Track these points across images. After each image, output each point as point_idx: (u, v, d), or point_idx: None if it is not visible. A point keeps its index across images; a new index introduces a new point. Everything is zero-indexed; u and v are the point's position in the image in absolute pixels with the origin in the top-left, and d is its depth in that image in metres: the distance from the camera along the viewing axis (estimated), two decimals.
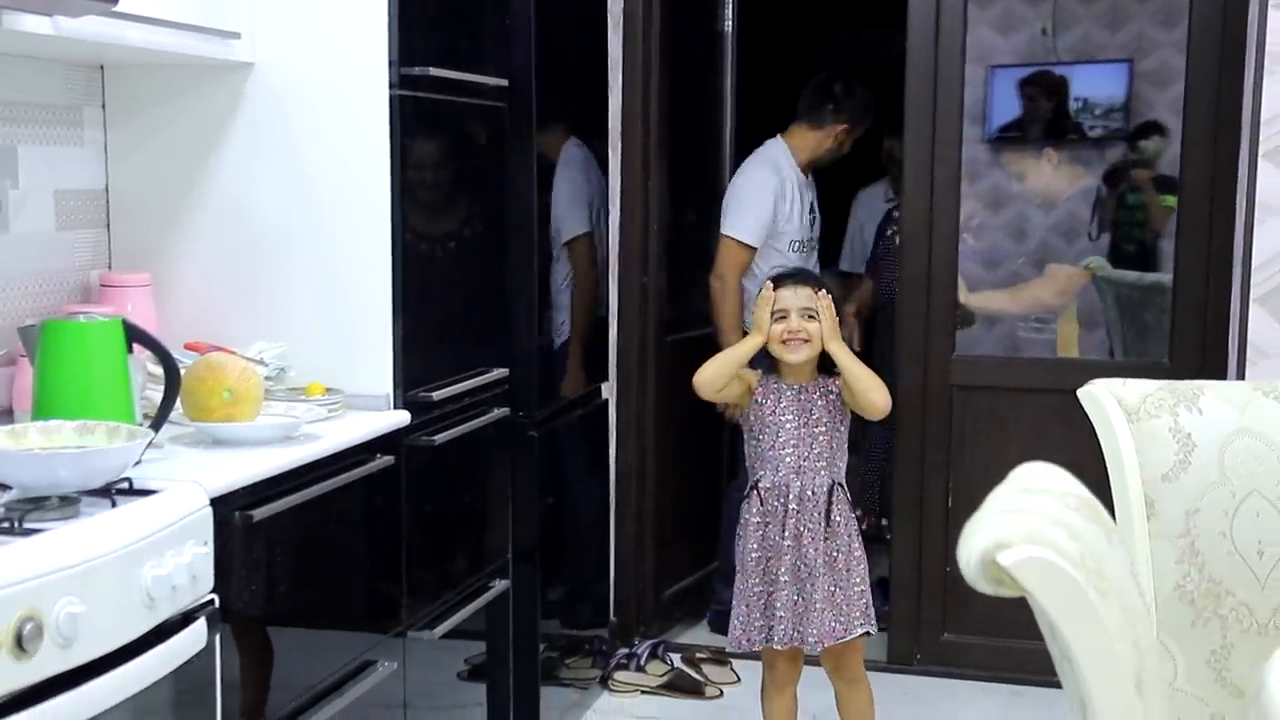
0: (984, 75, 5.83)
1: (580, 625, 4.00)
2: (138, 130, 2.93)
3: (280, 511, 2.33)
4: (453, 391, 3.06)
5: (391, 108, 2.80)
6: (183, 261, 2.93)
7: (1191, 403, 2.37)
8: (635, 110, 4.29)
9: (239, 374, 2.46)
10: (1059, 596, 1.31)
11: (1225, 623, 2.30)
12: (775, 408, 3.19)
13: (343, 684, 2.61)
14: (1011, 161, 5.42)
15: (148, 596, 1.90)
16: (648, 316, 4.39)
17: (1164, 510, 2.31)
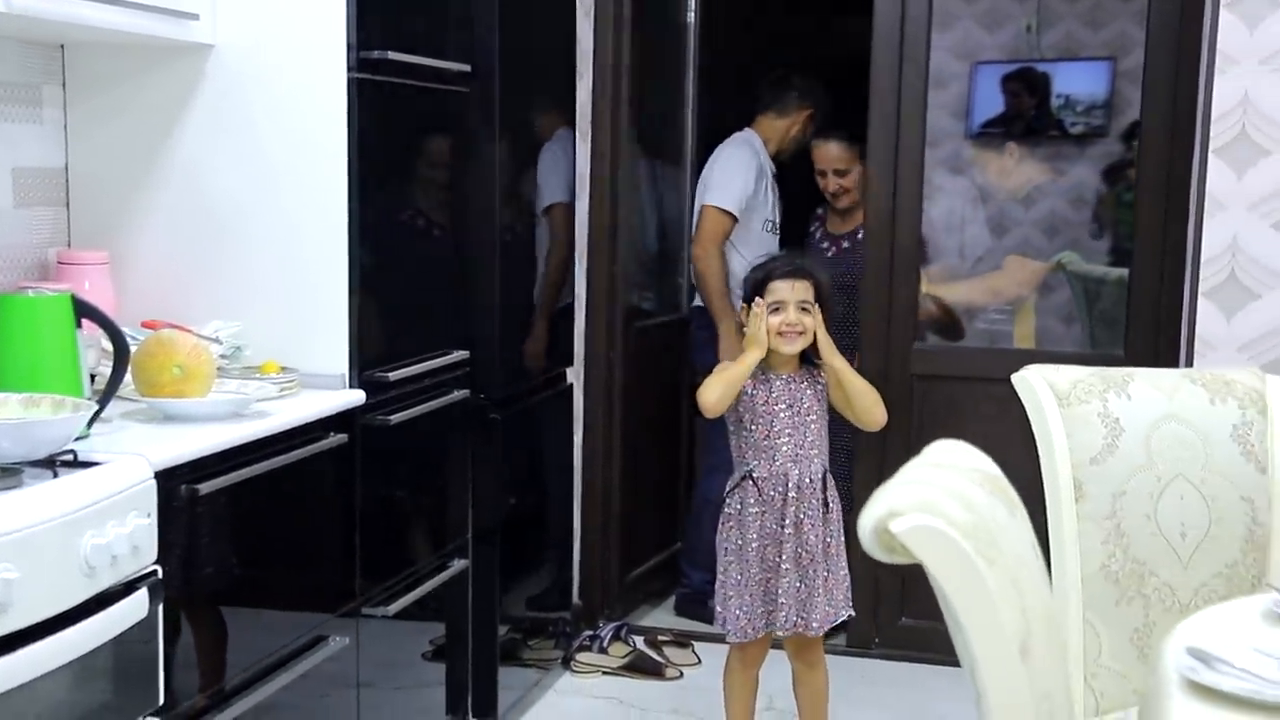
0: (968, 71, 5.91)
1: (543, 607, 4.05)
2: (98, 109, 2.97)
3: (227, 486, 2.37)
4: (410, 372, 3.10)
5: (349, 91, 2.84)
6: (142, 240, 2.97)
7: (1121, 389, 2.42)
8: (605, 98, 4.33)
9: (189, 351, 2.50)
10: (946, 564, 1.36)
11: (1148, 602, 2.36)
12: (767, 398, 3.22)
13: (293, 658, 2.65)
14: (988, 158, 5.48)
15: (87, 565, 1.95)
16: (616, 303, 4.44)
17: (1091, 492, 2.37)
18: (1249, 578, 2.39)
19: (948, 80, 5.95)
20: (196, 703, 2.35)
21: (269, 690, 2.53)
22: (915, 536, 1.35)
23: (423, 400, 3.17)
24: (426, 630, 3.38)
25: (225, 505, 2.41)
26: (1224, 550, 2.39)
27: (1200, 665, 1.62)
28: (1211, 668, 1.62)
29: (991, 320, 4.90)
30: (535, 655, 3.99)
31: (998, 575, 1.39)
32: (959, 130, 5.96)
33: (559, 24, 3.96)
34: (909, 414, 4.21)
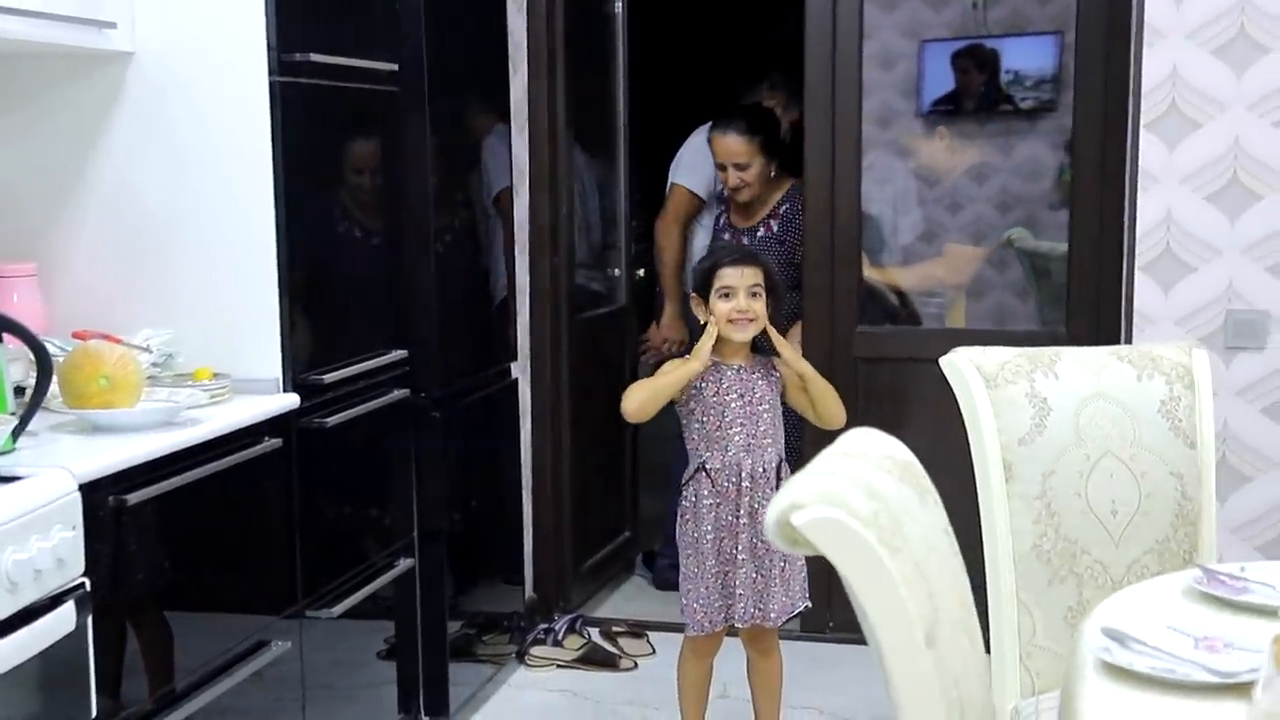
0: (916, 49, 5.92)
1: (495, 601, 4.05)
2: (20, 120, 2.94)
3: (156, 495, 2.36)
4: (346, 374, 3.09)
5: (272, 94, 2.83)
6: (69, 251, 2.95)
7: (1049, 368, 2.44)
8: (541, 91, 4.32)
9: (116, 361, 2.48)
10: (847, 554, 1.37)
11: (1081, 580, 2.38)
12: (718, 389, 3.20)
13: (235, 663, 2.64)
14: (921, 142, 5.52)
15: (8, 581, 1.94)
16: (558, 296, 4.43)
17: (1021, 473, 2.38)
18: (1180, 553, 2.41)
19: (895, 59, 5.97)
20: (135, 712, 2.34)
21: (210, 697, 2.52)
22: (815, 529, 1.36)
23: (360, 401, 3.16)
24: (376, 630, 3.37)
25: (156, 514, 2.40)
26: (1155, 526, 2.41)
27: (1115, 645, 1.64)
28: (1126, 647, 1.63)
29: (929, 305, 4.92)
30: (489, 650, 3.99)
31: (901, 563, 1.39)
32: (910, 109, 5.99)
33: (490, 18, 3.95)
34: (853, 397, 4.20)
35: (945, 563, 1.58)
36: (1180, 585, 1.91)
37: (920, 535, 1.52)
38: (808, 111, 4.20)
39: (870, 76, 5.88)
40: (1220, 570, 1.93)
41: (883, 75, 6.03)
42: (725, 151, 4.38)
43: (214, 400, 2.70)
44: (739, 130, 4.37)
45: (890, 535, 1.41)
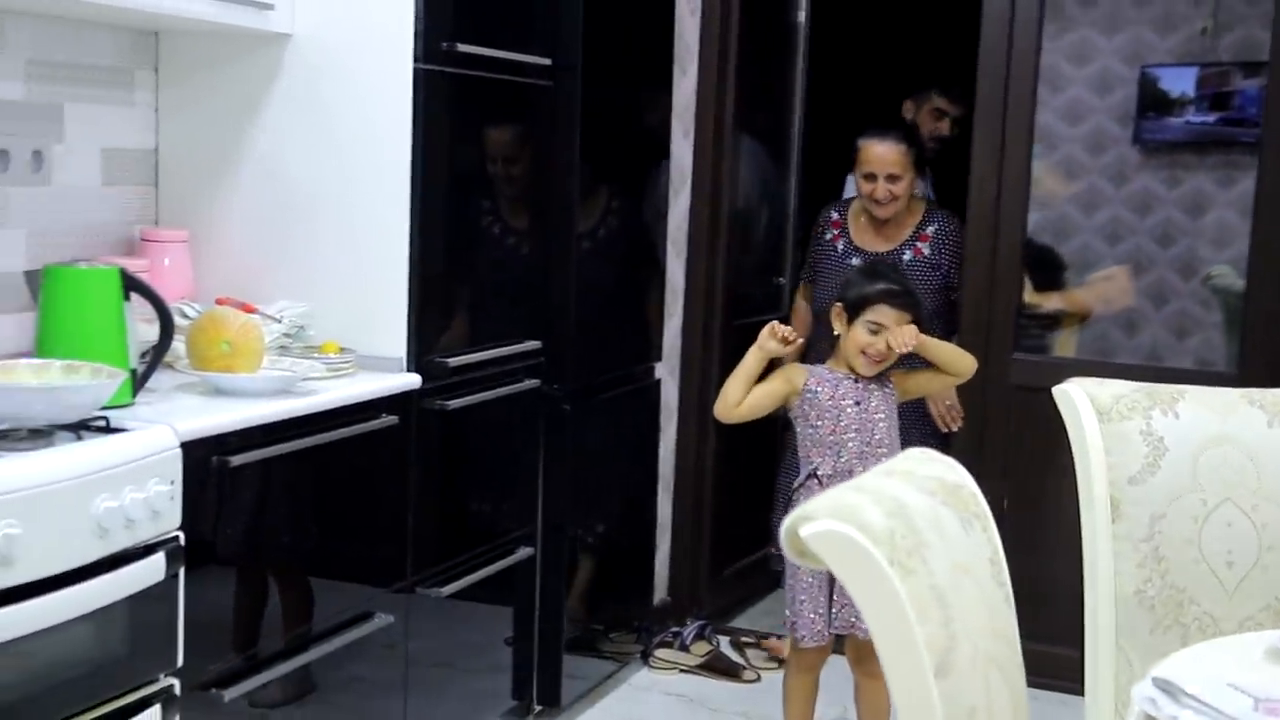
0: (1136, 75, 5.74)
1: (622, 600, 4.06)
2: (187, 94, 3.07)
3: (261, 459, 2.43)
4: (473, 359, 3.13)
5: (415, 80, 2.89)
6: (221, 220, 3.06)
7: (1169, 406, 2.32)
8: (710, 94, 4.32)
9: (239, 328, 2.57)
10: (852, 569, 1.33)
11: (1187, 631, 2.26)
12: (833, 394, 3.19)
13: (333, 633, 2.71)
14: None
15: (99, 527, 2.02)
16: (714, 299, 4.42)
17: (1129, 513, 2.28)
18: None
19: (1114, 84, 5.79)
20: (223, 667, 2.41)
21: (302, 661, 2.59)
22: (820, 541, 1.32)
23: (488, 388, 3.20)
24: (491, 615, 3.42)
25: (260, 478, 2.47)
26: (1275, 582, 2.27)
27: (1164, 698, 1.55)
28: (1176, 701, 1.55)
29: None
30: (613, 648, 4.00)
31: (914, 585, 1.35)
32: (1125, 136, 5.80)
33: (655, 17, 3.95)
34: (1006, 425, 4.11)
35: (981, 591, 1.52)
36: (1266, 644, 1.80)
37: (950, 560, 1.46)
38: (976, 132, 4.10)
39: (1086, 101, 5.74)
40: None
41: (1099, 100, 5.87)
42: (880, 160, 3.98)
43: (335, 374, 2.77)
44: (896, 139, 4.03)
45: (906, 556, 1.36)
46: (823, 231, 4.12)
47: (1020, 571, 4.11)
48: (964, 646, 1.41)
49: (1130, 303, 4.80)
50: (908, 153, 3.98)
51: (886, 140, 3.96)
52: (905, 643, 1.32)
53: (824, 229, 4.13)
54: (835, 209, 4.14)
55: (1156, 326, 5.65)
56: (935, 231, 4.02)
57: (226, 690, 2.39)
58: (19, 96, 2.72)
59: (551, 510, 3.54)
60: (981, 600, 1.53)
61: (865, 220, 4.05)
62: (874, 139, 3.99)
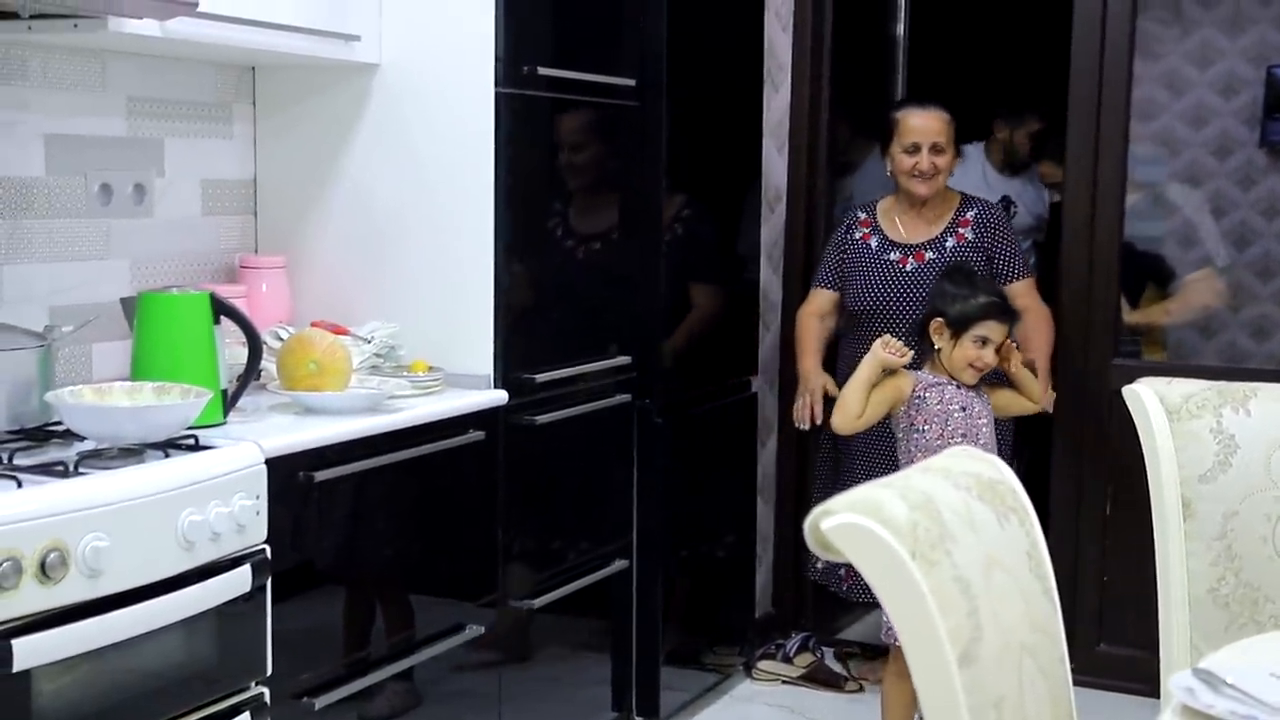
0: (1263, 76, 5.62)
1: (722, 612, 4.09)
2: (282, 125, 3.20)
3: (346, 475, 2.52)
4: (561, 375, 3.20)
5: (497, 105, 2.97)
6: (315, 246, 3.18)
7: (1240, 404, 2.31)
8: (803, 110, 4.35)
9: (325, 348, 2.67)
10: (873, 562, 1.36)
11: (1263, 629, 2.24)
12: (941, 398, 3.25)
13: (423, 645, 2.79)
14: None
15: (184, 540, 2.12)
16: None
17: (1201, 511, 2.27)
18: None
19: (1240, 86, 5.68)
20: (313, 677, 2.50)
21: (391, 671, 2.67)
22: (840, 533, 1.35)
23: (578, 403, 3.27)
24: (587, 627, 3.48)
25: (347, 493, 2.57)
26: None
27: (1202, 687, 1.55)
28: (1215, 690, 1.55)
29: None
30: (715, 660, 4.04)
31: (937, 578, 1.37)
32: (1252, 139, 5.69)
33: (744, 34, 4.00)
34: (1108, 430, 4.06)
35: (1017, 583, 1.54)
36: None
37: (982, 553, 1.48)
38: (1070, 136, 4.07)
39: (1210, 103, 5.64)
40: None
41: (1223, 103, 5.76)
42: (924, 130, 3.70)
43: (423, 391, 2.86)
44: (939, 107, 3.75)
45: (929, 549, 1.39)
46: (849, 231, 3.85)
47: (1123, 574, 4.07)
48: (992, 637, 1.43)
49: (1217, 303, 4.74)
50: (951, 123, 3.74)
51: (929, 109, 3.73)
52: (927, 633, 1.34)
53: (851, 228, 3.85)
54: (861, 209, 3.90)
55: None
56: (976, 216, 3.76)
57: (317, 699, 2.47)
58: (121, 133, 2.86)
59: (646, 523, 3.59)
60: (1017, 592, 1.55)
61: (900, 211, 3.80)
62: (915, 108, 3.77)
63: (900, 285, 3.69)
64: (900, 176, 3.74)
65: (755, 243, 4.15)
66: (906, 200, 3.78)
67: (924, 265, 3.70)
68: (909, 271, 3.70)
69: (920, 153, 3.68)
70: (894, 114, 3.77)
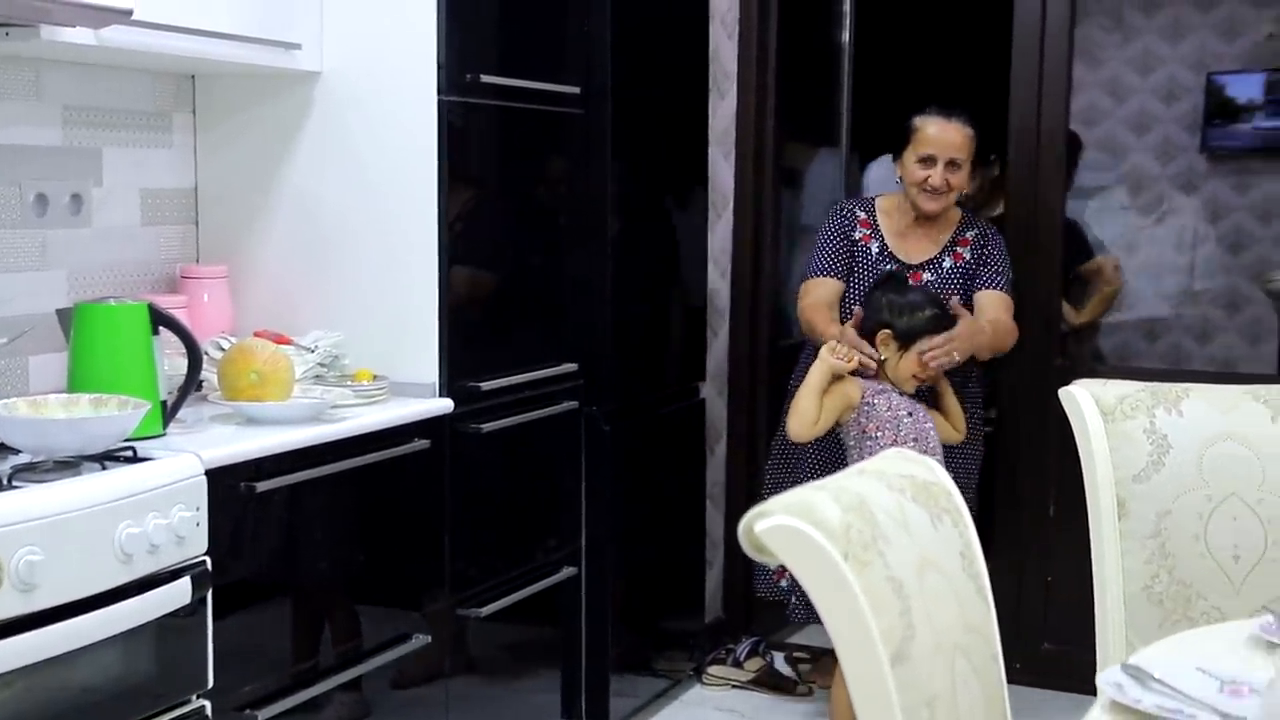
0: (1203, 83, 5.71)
1: (672, 618, 4.10)
2: (223, 134, 3.18)
3: (289, 485, 2.52)
4: (507, 383, 3.20)
5: (440, 112, 2.97)
6: (257, 256, 3.17)
7: (1173, 405, 2.34)
8: (749, 116, 4.37)
9: (267, 358, 2.66)
10: (806, 563, 1.37)
11: (1195, 626, 2.27)
12: (890, 404, 3.28)
13: (369, 655, 2.78)
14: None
15: (122, 552, 2.11)
16: (759, 319, 4.46)
17: (1135, 510, 2.30)
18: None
19: (1180, 93, 5.76)
20: (256, 689, 2.49)
21: (336, 682, 2.66)
22: (774, 535, 1.37)
23: (525, 410, 3.27)
24: (536, 634, 3.48)
25: (290, 504, 2.56)
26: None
27: (1131, 683, 1.57)
28: (1144, 686, 1.57)
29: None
30: (665, 665, 4.04)
31: (870, 578, 1.38)
32: (1193, 144, 5.77)
33: (689, 41, 4.01)
34: (1049, 434, 4.10)
35: (950, 584, 1.55)
36: (1248, 631, 1.81)
37: (916, 554, 1.50)
38: (1012, 146, 4.10)
39: (1152, 109, 5.72)
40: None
41: (1165, 109, 5.84)
42: (942, 142, 3.50)
43: (367, 400, 2.85)
44: (963, 121, 3.53)
45: (861, 550, 1.40)
46: (848, 229, 3.66)
47: (1065, 575, 4.11)
48: (925, 637, 1.44)
49: (1119, 283, 4.91)
50: (973, 139, 3.53)
51: (952, 120, 3.51)
52: (860, 633, 1.36)
53: (849, 226, 3.66)
54: (859, 207, 3.71)
55: (1231, 334, 5.61)
56: (976, 237, 3.65)
57: (260, 711, 2.47)
58: (57, 142, 2.84)
59: (594, 530, 3.59)
60: (950, 593, 1.56)
61: (904, 222, 3.64)
62: (937, 116, 3.52)
63: None
64: (910, 187, 3.55)
65: (702, 249, 4.16)
66: (910, 211, 3.60)
67: (920, 286, 3.58)
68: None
69: (935, 166, 3.49)
70: (914, 119, 3.55)
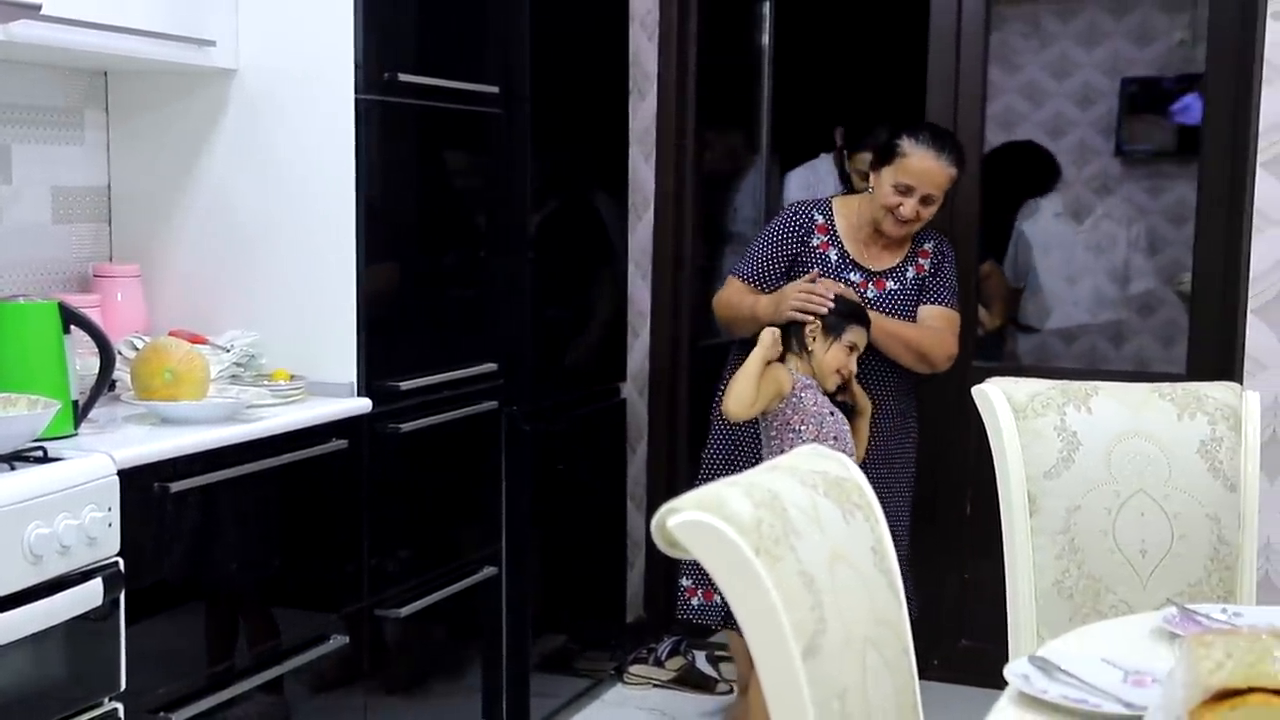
0: (1117, 87, 5.80)
1: (594, 618, 4.11)
2: (137, 132, 3.15)
3: (204, 486, 2.49)
4: (426, 382, 3.19)
5: (357, 111, 2.96)
6: (172, 255, 3.13)
7: (1082, 402, 2.38)
8: (670, 118, 4.39)
9: (181, 357, 2.63)
10: (718, 558, 1.38)
11: (1104, 619, 2.31)
12: (815, 400, 3.29)
13: (287, 655, 2.76)
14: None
15: (30, 554, 2.08)
16: (680, 319, 4.48)
17: (1045, 506, 2.34)
18: (1214, 597, 2.32)
19: (1096, 97, 5.86)
20: (171, 691, 2.46)
21: (252, 684, 2.64)
22: (685, 531, 1.38)
23: (445, 410, 3.26)
24: (456, 634, 3.47)
25: (205, 505, 2.53)
26: (1187, 569, 2.33)
27: (1037, 674, 1.60)
28: (1050, 677, 1.60)
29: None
30: (587, 665, 4.05)
31: (781, 573, 1.40)
32: (1108, 148, 5.86)
33: (608, 42, 4.03)
34: (966, 432, 4.15)
35: (861, 578, 1.57)
36: (1152, 623, 1.85)
37: (827, 548, 1.52)
38: None
39: (1068, 113, 5.81)
40: (1200, 610, 1.86)
41: (1080, 113, 5.94)
42: (925, 178, 3.40)
43: (284, 400, 2.83)
44: (951, 160, 3.42)
45: (773, 545, 1.41)
46: (804, 234, 3.55)
47: (983, 572, 4.16)
48: (836, 630, 1.46)
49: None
50: (956, 178, 3.45)
51: (942, 156, 3.40)
52: (771, 627, 1.37)
53: (805, 231, 3.55)
54: (817, 209, 3.60)
55: (1145, 336, 5.71)
56: (934, 248, 3.58)
57: (174, 713, 2.44)
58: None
59: (515, 530, 3.59)
60: (862, 587, 1.58)
61: (865, 232, 3.55)
62: (928, 150, 3.40)
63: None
64: (878, 207, 3.46)
65: (623, 250, 4.17)
66: (871, 224, 3.52)
67: (885, 294, 3.51)
68: (870, 299, 3.48)
69: (911, 197, 3.41)
70: (903, 139, 3.43)
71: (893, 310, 3.51)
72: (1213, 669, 1.24)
